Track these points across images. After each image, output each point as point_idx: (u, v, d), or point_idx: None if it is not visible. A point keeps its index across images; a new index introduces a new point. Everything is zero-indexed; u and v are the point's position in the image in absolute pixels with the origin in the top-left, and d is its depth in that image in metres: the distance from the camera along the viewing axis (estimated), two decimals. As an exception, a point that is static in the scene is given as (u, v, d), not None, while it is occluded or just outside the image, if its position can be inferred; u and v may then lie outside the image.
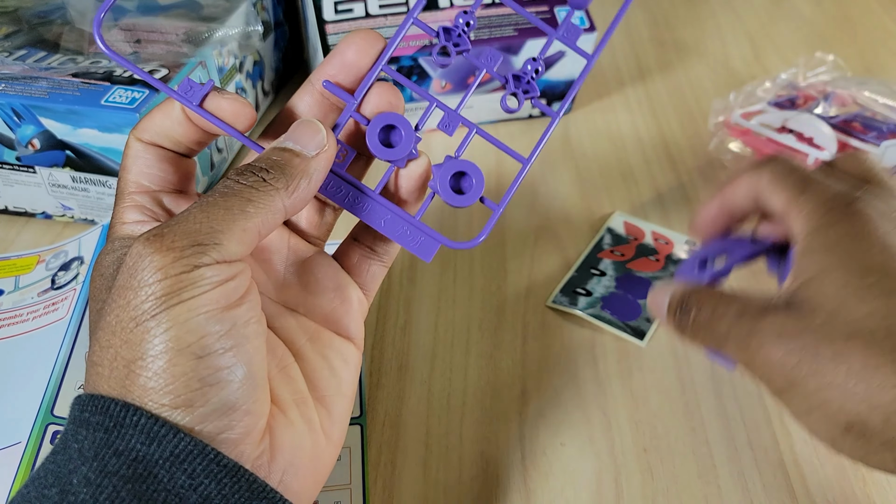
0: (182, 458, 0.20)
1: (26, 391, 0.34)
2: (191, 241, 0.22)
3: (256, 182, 0.24)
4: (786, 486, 0.34)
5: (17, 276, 0.41)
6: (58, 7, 0.45)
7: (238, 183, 0.24)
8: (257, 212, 0.23)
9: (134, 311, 0.21)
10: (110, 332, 0.21)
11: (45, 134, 0.40)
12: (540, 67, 0.28)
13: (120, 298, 0.21)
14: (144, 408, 0.21)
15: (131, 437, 0.20)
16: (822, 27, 0.69)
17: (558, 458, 0.35)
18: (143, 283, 0.21)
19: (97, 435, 0.20)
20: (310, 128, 0.26)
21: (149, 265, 0.21)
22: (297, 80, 0.60)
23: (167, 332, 0.21)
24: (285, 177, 0.24)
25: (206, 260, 0.21)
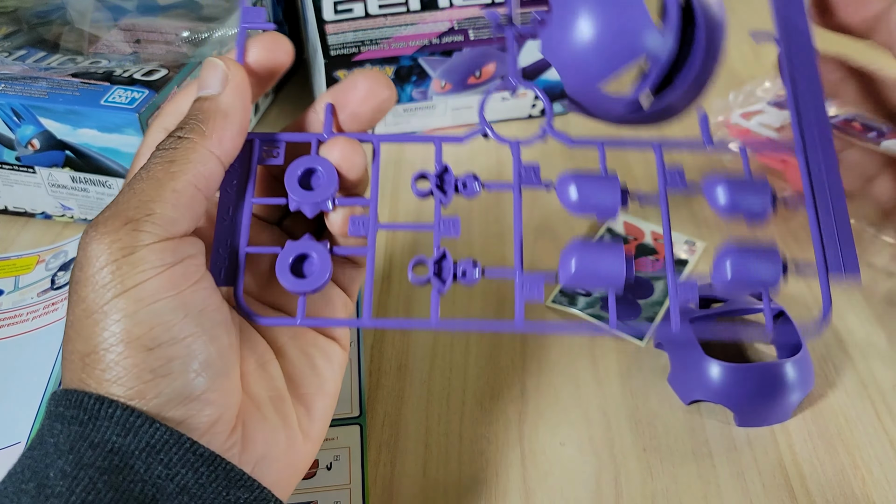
0: (158, 448, 0.20)
1: (26, 391, 0.34)
2: (123, 219, 0.21)
3: (174, 142, 0.23)
4: (785, 486, 0.34)
5: (17, 276, 0.41)
6: (57, 7, 0.45)
7: (158, 150, 0.23)
8: (182, 168, 0.22)
9: (84, 304, 0.21)
10: (69, 327, 0.22)
11: (45, 134, 0.40)
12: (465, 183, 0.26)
13: (74, 293, 0.22)
14: (118, 399, 0.20)
15: (106, 429, 0.20)
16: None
17: (558, 457, 0.35)
18: (89, 273, 0.21)
19: (72, 428, 0.20)
20: (209, 67, 0.25)
21: (92, 253, 0.21)
22: (297, 79, 0.60)
23: (116, 324, 0.21)
24: (199, 124, 0.23)
25: (144, 238, 0.21)
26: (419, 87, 0.51)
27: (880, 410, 0.37)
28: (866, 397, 0.37)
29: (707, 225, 0.47)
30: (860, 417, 0.37)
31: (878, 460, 0.35)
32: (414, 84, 0.50)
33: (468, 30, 0.50)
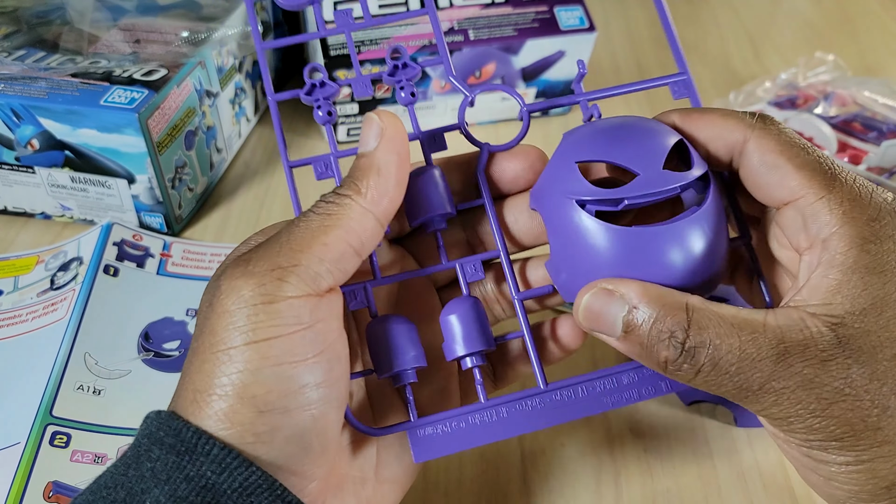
0: (250, 492, 0.20)
1: (25, 392, 0.34)
2: (271, 264, 0.22)
3: (332, 196, 0.24)
4: (785, 486, 0.34)
5: (17, 276, 0.41)
6: (57, 7, 0.45)
7: (319, 205, 0.23)
8: (335, 223, 0.23)
9: (213, 338, 0.21)
10: (193, 354, 0.22)
11: (45, 134, 0.40)
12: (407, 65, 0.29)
13: (206, 323, 0.22)
14: (216, 436, 0.21)
15: (202, 465, 0.20)
16: (823, 27, 0.69)
17: (558, 458, 0.35)
18: (225, 309, 0.21)
19: (170, 458, 0.21)
20: (366, 123, 0.25)
21: (231, 290, 0.21)
22: (297, 80, 0.60)
23: (238, 374, 0.21)
24: (354, 180, 0.24)
25: (287, 290, 0.21)
26: (419, 87, 0.51)
27: (881, 411, 0.37)
28: (867, 397, 0.37)
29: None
30: (860, 418, 0.37)
31: (879, 461, 0.35)
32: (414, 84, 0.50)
33: (468, 30, 0.50)
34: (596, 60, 0.62)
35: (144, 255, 0.42)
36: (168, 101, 0.41)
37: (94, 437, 0.33)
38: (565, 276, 0.25)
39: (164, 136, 0.41)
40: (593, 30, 0.51)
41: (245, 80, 0.51)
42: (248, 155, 0.52)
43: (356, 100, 0.50)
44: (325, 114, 0.27)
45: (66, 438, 0.32)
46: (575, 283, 0.24)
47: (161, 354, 0.37)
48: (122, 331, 0.37)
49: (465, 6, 0.51)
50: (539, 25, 0.51)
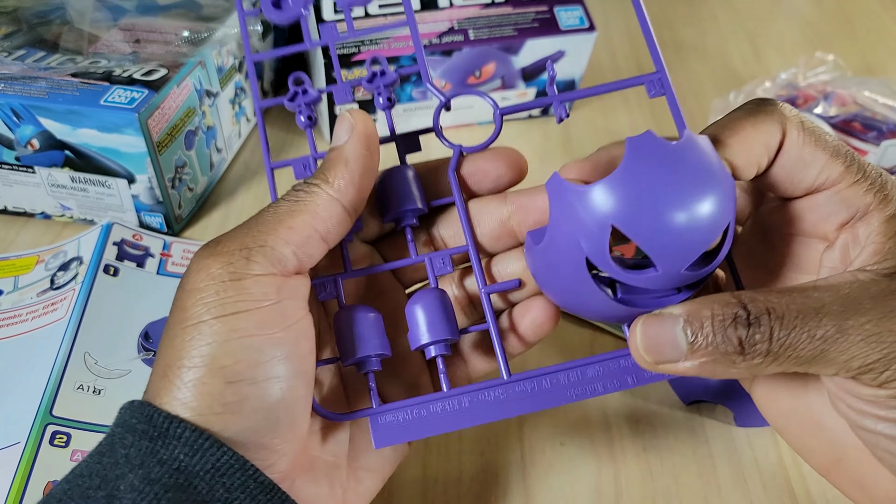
0: (222, 472, 0.21)
1: (25, 392, 0.34)
2: (239, 244, 0.23)
3: (303, 187, 0.25)
4: (786, 486, 0.34)
5: (17, 276, 0.41)
6: (57, 7, 0.45)
7: (289, 192, 0.25)
8: (303, 208, 0.24)
9: (182, 314, 0.22)
10: (164, 334, 0.23)
11: (45, 134, 0.40)
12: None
13: (177, 300, 0.23)
14: (186, 419, 0.21)
15: (174, 448, 0.21)
16: (823, 27, 0.69)
17: (558, 457, 0.35)
18: (194, 286, 0.22)
19: (143, 443, 0.21)
20: (339, 121, 0.26)
21: (201, 269, 0.22)
22: (297, 80, 0.60)
23: (206, 346, 0.21)
24: (323, 171, 0.25)
25: (253, 268, 0.22)
26: (419, 87, 0.51)
27: (880, 410, 0.37)
28: (866, 397, 0.37)
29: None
30: (860, 417, 0.37)
31: (879, 460, 0.35)
32: (414, 84, 0.50)
33: (468, 30, 0.50)
34: (596, 60, 0.62)
35: (144, 255, 0.42)
36: (168, 100, 0.41)
37: (94, 436, 0.33)
38: (548, 286, 0.26)
39: (164, 135, 0.41)
40: (593, 30, 0.51)
41: (245, 80, 0.51)
42: (248, 155, 0.52)
43: (356, 100, 0.50)
44: (305, 119, 0.29)
45: (67, 438, 0.32)
46: (556, 293, 0.26)
47: (161, 354, 0.37)
48: (122, 330, 0.37)
49: (465, 6, 0.51)
50: (539, 25, 0.51)
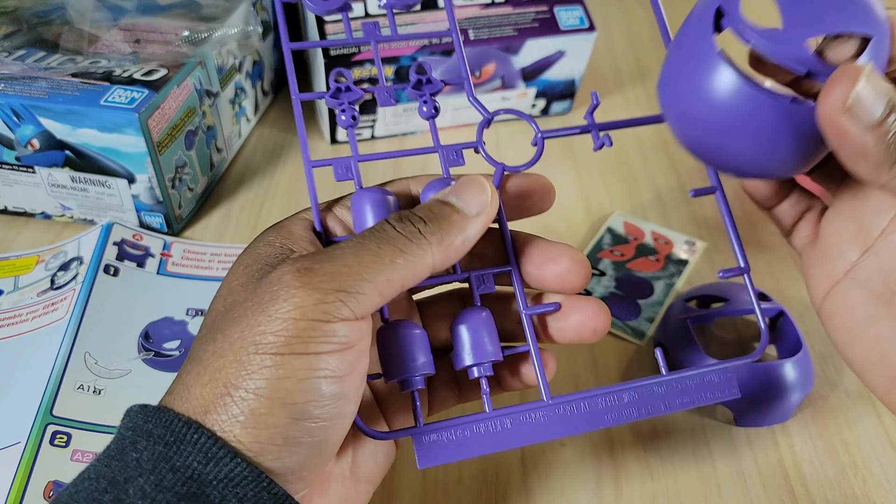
0: (236, 483, 0.21)
1: (25, 391, 0.34)
2: (336, 284, 0.22)
3: (412, 232, 0.24)
4: (786, 486, 0.34)
5: (17, 276, 0.41)
6: (57, 7, 0.45)
7: (394, 229, 0.24)
8: (406, 263, 0.23)
9: (259, 337, 0.21)
10: (228, 344, 0.22)
11: (45, 134, 0.40)
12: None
13: (252, 317, 0.22)
14: (207, 427, 0.21)
15: (189, 455, 0.20)
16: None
17: (558, 458, 0.35)
18: (278, 313, 0.21)
19: (156, 448, 0.21)
20: (475, 185, 0.25)
21: (291, 298, 0.21)
22: (297, 79, 0.59)
23: (280, 380, 0.21)
24: (441, 231, 0.24)
25: (344, 312, 0.22)
26: (419, 87, 0.51)
27: (881, 411, 0.37)
28: (867, 397, 0.37)
29: (707, 225, 0.47)
30: (860, 418, 0.37)
31: (879, 461, 0.35)
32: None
33: (468, 30, 0.50)
34: (596, 60, 0.62)
35: (145, 255, 0.42)
36: (168, 100, 0.41)
37: (94, 436, 0.33)
38: (675, 107, 0.25)
39: (165, 135, 0.41)
40: (593, 30, 0.51)
41: (245, 80, 0.51)
42: (248, 155, 0.52)
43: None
44: (349, 118, 0.28)
45: (67, 438, 0.32)
46: (686, 104, 0.24)
47: (161, 354, 0.37)
48: (122, 330, 0.37)
49: (465, 6, 0.51)
50: (539, 25, 0.51)
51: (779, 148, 0.23)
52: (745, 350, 0.40)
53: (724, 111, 0.23)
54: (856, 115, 0.21)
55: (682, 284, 0.43)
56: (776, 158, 0.23)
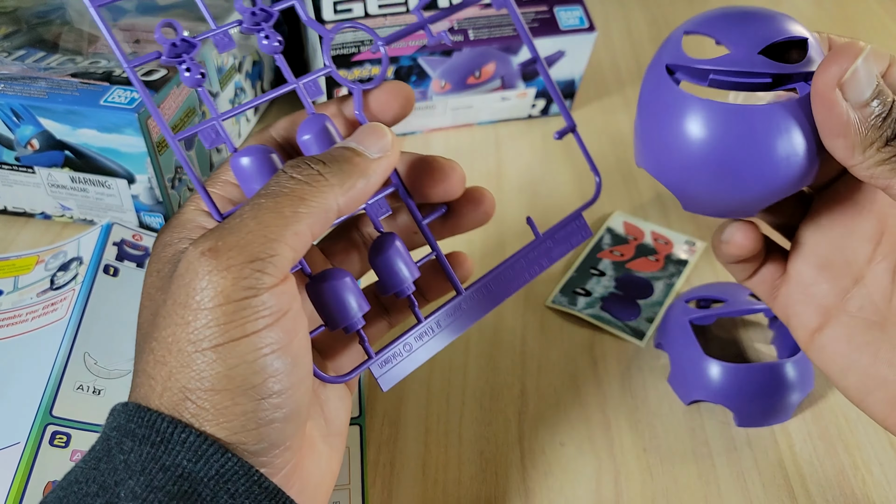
0: (227, 478, 0.20)
1: (25, 392, 0.34)
2: (247, 256, 0.21)
3: (311, 176, 0.23)
4: (785, 486, 0.34)
5: (17, 276, 0.41)
6: (57, 7, 0.45)
7: (291, 178, 0.23)
8: (309, 211, 0.22)
9: (193, 335, 0.21)
10: (165, 349, 0.21)
11: (45, 134, 0.40)
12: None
13: (176, 315, 0.21)
14: (192, 426, 0.21)
15: (178, 454, 0.20)
16: (823, 27, 0.69)
17: (557, 457, 0.35)
18: (202, 304, 0.21)
19: (144, 448, 0.20)
20: (375, 131, 0.25)
21: (207, 285, 0.21)
22: (297, 80, 0.60)
23: (232, 369, 0.21)
24: (342, 173, 0.23)
25: (266, 281, 0.21)
26: (419, 87, 0.51)
27: (880, 410, 0.37)
28: (866, 397, 0.37)
29: (707, 225, 0.47)
30: (860, 418, 0.37)
31: (878, 461, 0.35)
32: (414, 84, 0.50)
33: (468, 30, 0.50)
34: (596, 60, 0.62)
35: (144, 255, 0.42)
36: (168, 101, 0.41)
37: (93, 436, 0.33)
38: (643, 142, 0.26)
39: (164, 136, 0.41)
40: (593, 30, 0.51)
41: (245, 81, 0.51)
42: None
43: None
44: (195, 76, 0.24)
45: (66, 438, 0.32)
46: (649, 146, 0.25)
47: (161, 354, 0.37)
48: (121, 331, 0.37)
49: (464, 6, 0.51)
50: (539, 25, 0.51)
51: (771, 150, 0.23)
52: (745, 352, 0.40)
53: (708, 135, 0.24)
54: (848, 91, 0.22)
55: (682, 284, 0.43)
56: (767, 168, 0.24)
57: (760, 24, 0.24)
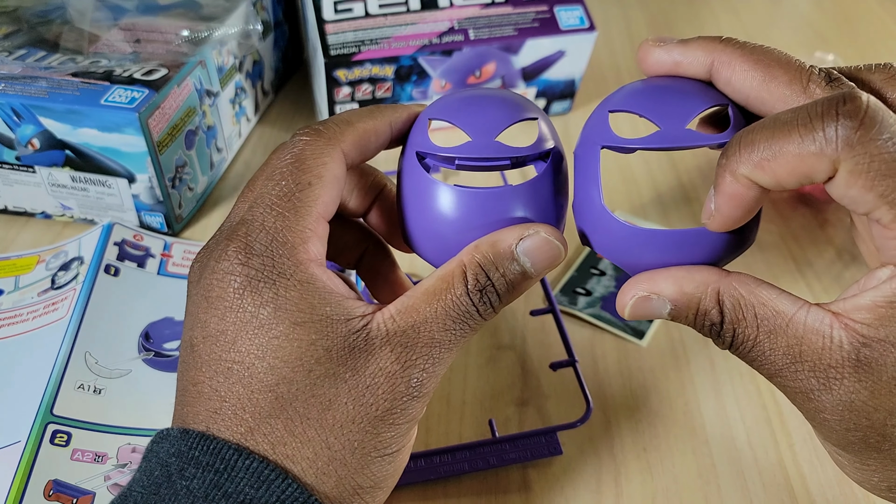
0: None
1: (26, 391, 0.34)
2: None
3: (484, 309, 0.23)
4: (785, 485, 0.34)
5: (17, 276, 0.41)
6: (57, 7, 0.45)
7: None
8: (463, 335, 0.23)
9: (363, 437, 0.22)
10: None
11: (45, 133, 0.40)
12: None
13: (347, 391, 0.22)
14: (256, 452, 0.21)
15: (241, 480, 0.20)
16: (822, 27, 0.69)
17: (558, 457, 0.35)
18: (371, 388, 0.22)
19: (207, 475, 0.20)
20: (550, 250, 0.25)
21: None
22: (297, 79, 0.60)
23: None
24: (502, 303, 0.24)
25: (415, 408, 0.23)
26: (419, 87, 0.51)
27: (880, 410, 0.37)
28: (866, 397, 0.37)
29: (707, 225, 0.47)
30: (860, 417, 0.37)
31: (878, 460, 0.35)
32: (414, 84, 0.50)
33: (468, 29, 0.50)
34: (596, 60, 0.62)
35: (145, 255, 0.42)
36: (168, 100, 0.41)
37: (94, 436, 0.33)
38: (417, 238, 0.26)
39: (165, 135, 0.41)
40: (593, 29, 0.51)
41: (245, 80, 0.51)
42: (249, 154, 0.52)
43: (357, 100, 0.50)
44: None
45: (67, 437, 0.32)
46: (424, 243, 0.26)
47: (161, 354, 0.37)
48: (122, 330, 0.37)
49: (465, 6, 0.51)
50: (539, 25, 0.51)
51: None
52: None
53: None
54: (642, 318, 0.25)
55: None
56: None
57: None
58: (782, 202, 0.49)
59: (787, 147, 0.20)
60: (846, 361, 0.21)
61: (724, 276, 0.23)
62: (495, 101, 0.25)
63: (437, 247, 0.25)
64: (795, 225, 0.47)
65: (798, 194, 0.48)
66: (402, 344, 0.22)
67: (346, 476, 0.22)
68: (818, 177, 0.20)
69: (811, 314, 0.21)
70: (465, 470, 0.33)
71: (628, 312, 0.25)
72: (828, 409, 0.21)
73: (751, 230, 0.24)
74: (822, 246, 0.46)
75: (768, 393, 0.38)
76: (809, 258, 0.45)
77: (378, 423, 0.22)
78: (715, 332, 0.23)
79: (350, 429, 0.22)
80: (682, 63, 0.25)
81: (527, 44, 0.50)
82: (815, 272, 0.44)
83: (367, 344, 0.22)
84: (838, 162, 0.19)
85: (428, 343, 0.22)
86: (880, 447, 0.21)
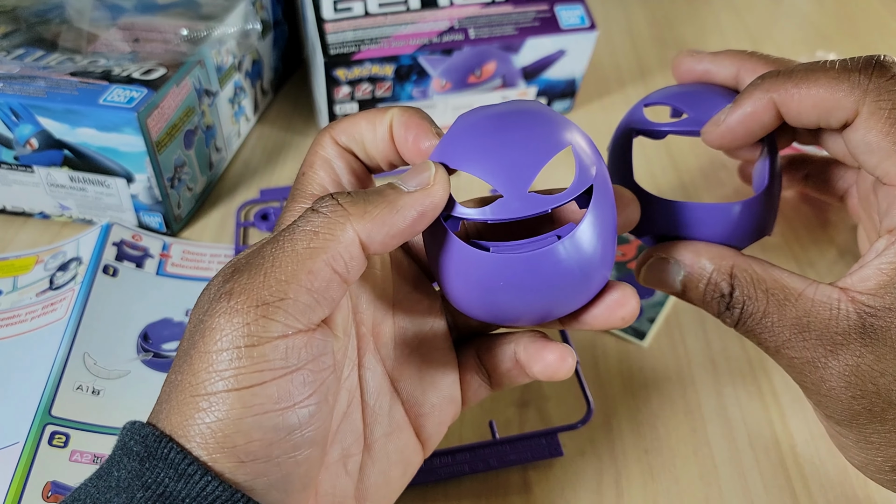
0: (210, 501, 0.19)
1: (24, 392, 0.34)
2: (255, 299, 0.19)
3: (330, 207, 0.21)
4: (787, 486, 0.34)
5: (16, 276, 0.41)
6: (56, 6, 0.44)
7: (311, 211, 0.21)
8: (323, 245, 0.20)
9: (193, 378, 0.20)
10: (172, 387, 0.21)
11: (43, 133, 0.40)
12: None
13: (187, 359, 0.20)
14: (178, 442, 0.19)
15: (160, 471, 0.19)
16: (823, 25, 0.69)
17: (558, 458, 0.35)
18: (206, 350, 0.20)
19: (132, 465, 0.20)
20: (417, 167, 0.23)
21: (215, 331, 0.19)
22: (296, 79, 0.59)
23: (218, 423, 0.19)
24: (365, 202, 0.21)
25: (273, 329, 0.19)
26: (419, 87, 0.50)
27: (882, 411, 0.37)
28: (868, 398, 0.37)
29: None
30: (862, 418, 0.36)
31: (881, 461, 0.35)
32: (414, 83, 0.50)
33: (468, 28, 0.50)
34: (597, 59, 0.61)
35: (144, 256, 0.42)
36: (167, 100, 0.41)
37: (92, 437, 0.33)
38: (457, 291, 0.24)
39: (163, 135, 0.41)
40: (594, 28, 0.51)
41: (244, 80, 0.51)
42: (248, 154, 0.52)
43: (357, 99, 0.50)
44: None
45: (65, 438, 0.32)
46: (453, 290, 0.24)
47: (160, 355, 0.37)
48: (121, 331, 0.37)
49: (465, 5, 0.50)
50: (540, 24, 0.51)
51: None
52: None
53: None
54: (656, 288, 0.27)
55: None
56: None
57: (529, 149, 0.23)
58: (785, 202, 0.48)
59: (822, 79, 0.23)
60: (852, 330, 0.22)
61: (739, 254, 0.25)
62: (520, 134, 0.23)
63: (487, 311, 0.24)
64: (798, 225, 0.47)
65: (800, 195, 0.48)
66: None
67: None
68: (839, 114, 0.23)
69: (819, 290, 0.23)
70: (466, 472, 0.33)
71: (643, 274, 0.26)
72: (834, 375, 0.22)
73: (771, 218, 0.27)
74: (825, 246, 0.46)
75: (770, 394, 0.37)
76: (811, 258, 0.45)
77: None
78: (724, 305, 0.24)
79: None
80: (711, 70, 0.28)
81: (527, 43, 0.50)
82: (818, 273, 0.44)
83: None
84: (862, 104, 0.22)
85: None
86: (885, 416, 0.22)
